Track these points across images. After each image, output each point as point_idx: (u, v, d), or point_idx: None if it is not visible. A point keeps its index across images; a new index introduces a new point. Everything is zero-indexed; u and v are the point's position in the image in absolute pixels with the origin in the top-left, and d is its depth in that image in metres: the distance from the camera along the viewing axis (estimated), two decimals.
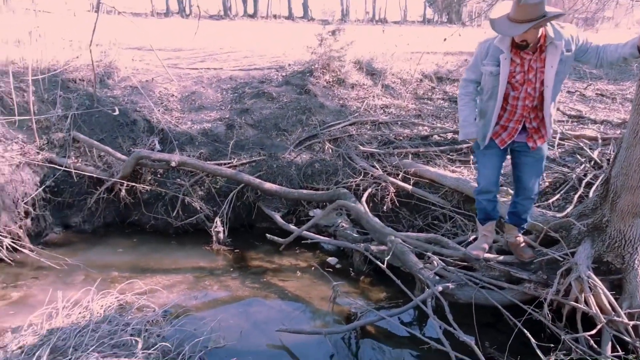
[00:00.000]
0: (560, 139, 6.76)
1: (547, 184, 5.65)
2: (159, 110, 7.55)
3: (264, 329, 4.37)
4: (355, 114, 7.96)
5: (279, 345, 4.11)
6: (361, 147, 6.99)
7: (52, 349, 3.10)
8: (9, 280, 5.20)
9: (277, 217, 6.24)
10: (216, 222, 6.17)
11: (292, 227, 5.91)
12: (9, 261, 5.41)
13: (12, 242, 5.41)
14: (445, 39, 7.89)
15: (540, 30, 3.41)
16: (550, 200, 5.20)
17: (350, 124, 7.66)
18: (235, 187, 6.47)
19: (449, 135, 7.35)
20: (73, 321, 3.54)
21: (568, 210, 4.70)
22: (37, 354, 3.06)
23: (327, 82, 8.66)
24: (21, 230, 5.82)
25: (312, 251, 6.00)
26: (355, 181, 6.32)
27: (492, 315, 4.18)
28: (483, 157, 4.02)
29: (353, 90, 8.73)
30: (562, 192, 5.35)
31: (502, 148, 3.88)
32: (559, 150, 6.58)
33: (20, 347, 3.23)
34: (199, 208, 6.40)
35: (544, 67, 3.50)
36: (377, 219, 5.41)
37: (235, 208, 6.51)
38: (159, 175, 6.68)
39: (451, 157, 6.82)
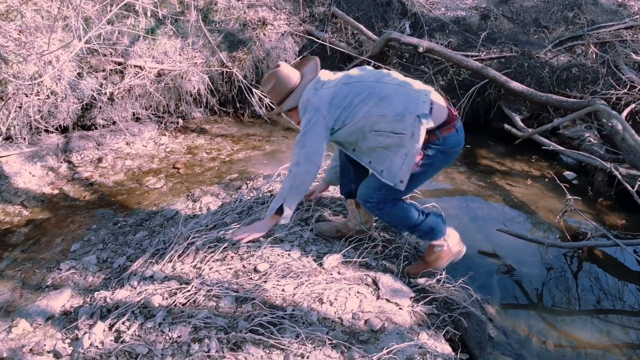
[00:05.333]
0: None
1: None
2: None
3: (482, 226, 4.36)
4: (636, 16, 6.82)
5: (494, 245, 4.09)
6: (634, 56, 6.04)
7: None
8: (265, 134, 6.02)
9: (517, 119, 5.92)
10: None
11: (527, 132, 5.57)
12: (266, 119, 6.20)
13: (270, 102, 6.11)
14: None
15: None
16: None
17: (626, 28, 6.62)
18: (478, 82, 6.23)
19: None
20: None
21: None
22: None
23: None
24: None
25: (549, 161, 5.64)
26: (617, 94, 5.57)
27: None
28: None
29: None
30: None
31: None
32: None
33: (270, 191, 3.78)
34: None
35: None
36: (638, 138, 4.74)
37: (474, 103, 6.32)
38: (404, 60, 6.74)
39: None
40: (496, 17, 7.01)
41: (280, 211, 2.60)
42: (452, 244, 2.90)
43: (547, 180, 5.18)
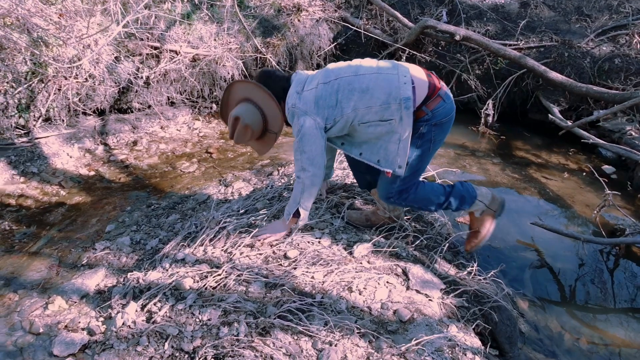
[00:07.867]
0: None
1: None
2: None
3: (516, 219, 4.28)
4: None
5: (528, 238, 4.01)
6: None
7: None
8: None
9: (555, 110, 5.77)
10: (488, 104, 6.00)
11: (569, 124, 5.42)
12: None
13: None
14: None
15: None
16: None
17: None
18: (516, 72, 6.08)
19: None
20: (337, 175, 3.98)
21: None
22: None
23: None
24: None
25: (587, 155, 5.49)
26: None
27: None
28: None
29: None
30: None
31: None
32: None
33: None
34: (473, 87, 6.26)
35: None
36: None
37: (511, 93, 6.19)
38: (440, 48, 6.64)
39: None
40: (536, 5, 6.83)
41: (297, 214, 2.73)
42: (488, 200, 2.92)
43: (584, 174, 5.05)
